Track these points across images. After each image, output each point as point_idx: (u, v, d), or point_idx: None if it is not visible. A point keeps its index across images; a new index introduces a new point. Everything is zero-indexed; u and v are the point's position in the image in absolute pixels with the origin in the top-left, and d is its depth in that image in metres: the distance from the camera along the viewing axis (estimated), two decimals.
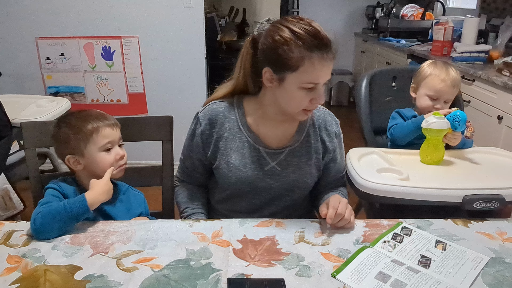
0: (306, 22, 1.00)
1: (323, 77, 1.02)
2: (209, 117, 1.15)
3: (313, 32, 0.98)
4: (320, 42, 0.98)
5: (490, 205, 1.07)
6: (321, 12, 5.02)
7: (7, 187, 1.60)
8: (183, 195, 1.25)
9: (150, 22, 2.67)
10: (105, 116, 1.13)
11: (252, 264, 0.88)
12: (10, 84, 2.72)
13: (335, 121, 1.23)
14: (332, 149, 1.20)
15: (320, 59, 0.98)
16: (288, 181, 1.16)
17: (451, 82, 1.44)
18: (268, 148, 1.15)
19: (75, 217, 0.98)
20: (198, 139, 1.17)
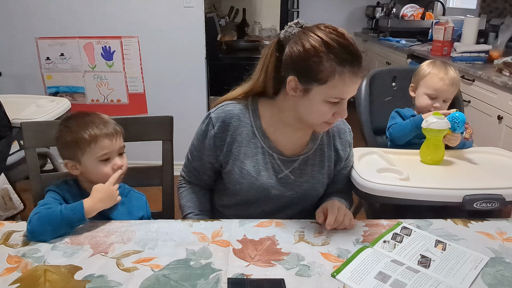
0: (340, 33, 0.96)
1: (351, 93, 0.99)
2: (222, 119, 1.10)
3: (346, 45, 0.94)
4: (353, 57, 0.94)
5: (490, 205, 1.07)
6: (321, 12, 5.02)
7: (7, 187, 1.61)
8: (188, 198, 1.22)
9: (150, 22, 2.67)
10: (106, 123, 1.09)
11: (252, 264, 0.88)
12: (10, 84, 2.72)
13: (348, 129, 1.20)
14: (344, 157, 1.18)
15: (350, 74, 0.94)
16: (301, 190, 1.14)
17: (449, 81, 1.44)
18: (282, 156, 1.12)
19: (70, 223, 0.97)
20: (211, 142, 1.12)
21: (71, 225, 0.98)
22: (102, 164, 1.07)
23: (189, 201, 1.22)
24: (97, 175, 1.07)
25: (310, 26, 1.00)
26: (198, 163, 1.19)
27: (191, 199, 1.22)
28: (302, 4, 4.55)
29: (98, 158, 1.06)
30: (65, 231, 0.98)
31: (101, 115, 1.12)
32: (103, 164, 1.07)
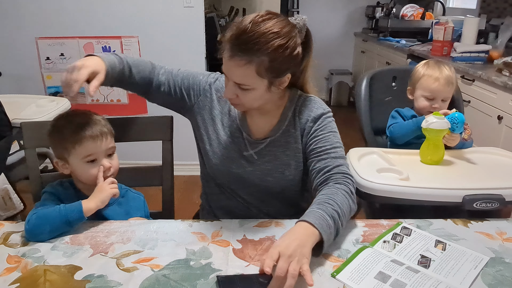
0: (255, 19, 0.98)
1: (225, 70, 1.02)
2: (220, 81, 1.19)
3: (241, 26, 0.98)
4: (235, 38, 0.97)
5: (490, 205, 1.07)
6: (321, 12, 5.03)
7: (7, 187, 1.61)
8: (134, 56, 1.20)
9: (150, 22, 2.67)
10: (94, 124, 1.07)
11: (252, 264, 0.88)
12: (10, 84, 2.72)
13: (320, 107, 1.14)
14: (307, 132, 1.13)
15: (227, 51, 0.99)
16: (261, 169, 1.14)
17: (444, 80, 1.44)
18: (250, 136, 1.15)
19: (68, 222, 0.97)
20: (206, 81, 1.19)
21: (70, 223, 0.98)
22: (89, 165, 1.07)
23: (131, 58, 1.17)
24: (84, 176, 1.07)
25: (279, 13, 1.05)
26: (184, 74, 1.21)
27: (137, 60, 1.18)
28: (302, 4, 4.56)
29: (83, 159, 1.06)
30: (63, 230, 0.98)
31: (92, 115, 1.11)
32: (89, 165, 1.07)
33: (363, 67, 4.74)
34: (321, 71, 5.15)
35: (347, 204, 0.98)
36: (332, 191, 0.99)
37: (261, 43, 0.95)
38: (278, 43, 0.96)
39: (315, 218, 0.89)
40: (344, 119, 4.69)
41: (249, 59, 0.96)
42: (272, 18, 0.99)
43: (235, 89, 1.02)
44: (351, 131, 4.12)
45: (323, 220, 0.89)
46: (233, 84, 1.02)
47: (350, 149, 1.34)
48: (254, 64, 0.97)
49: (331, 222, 0.91)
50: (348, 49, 5.18)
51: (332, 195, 0.97)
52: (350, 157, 1.28)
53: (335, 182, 1.03)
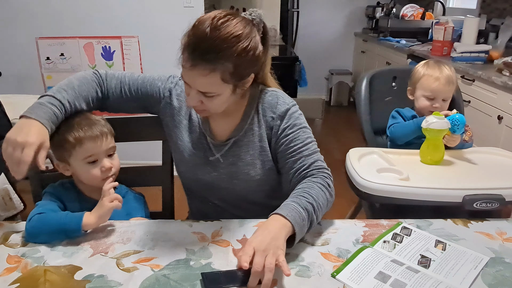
0: (213, 23, 0.93)
1: (187, 80, 0.97)
2: (180, 85, 1.15)
3: (199, 32, 0.93)
4: (193, 46, 0.92)
5: (490, 205, 1.07)
6: (321, 12, 5.03)
7: (7, 187, 1.61)
8: (74, 85, 1.06)
9: (150, 22, 2.67)
10: (93, 125, 1.06)
11: None
12: (10, 84, 2.72)
13: (282, 101, 1.10)
14: (275, 131, 1.09)
15: (184, 60, 0.94)
16: (226, 173, 1.12)
17: (445, 80, 1.44)
18: (214, 139, 1.12)
19: (65, 231, 0.95)
20: (165, 87, 1.14)
21: (66, 233, 0.95)
22: (90, 166, 1.06)
23: (71, 88, 1.05)
24: (86, 177, 1.07)
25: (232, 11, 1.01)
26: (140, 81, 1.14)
27: (78, 87, 1.06)
28: (302, 4, 4.55)
29: (84, 160, 1.06)
30: (60, 239, 0.94)
31: (91, 115, 1.10)
32: (90, 166, 1.06)
33: (363, 67, 4.74)
34: (321, 71, 5.15)
35: (323, 196, 1.00)
36: (308, 184, 1.01)
37: (224, 49, 0.91)
38: (241, 46, 0.93)
39: (287, 210, 0.91)
40: (344, 119, 4.73)
41: (213, 67, 0.92)
42: (230, 19, 0.95)
43: (199, 97, 0.98)
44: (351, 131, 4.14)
45: (295, 212, 0.91)
46: (197, 92, 0.97)
47: (350, 149, 1.34)
48: (218, 72, 0.93)
49: (304, 214, 0.92)
50: (348, 49, 5.18)
51: (308, 189, 0.99)
52: (350, 157, 1.28)
53: (311, 176, 1.04)
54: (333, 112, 4.90)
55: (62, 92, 1.03)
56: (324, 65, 5.14)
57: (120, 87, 1.13)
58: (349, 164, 1.24)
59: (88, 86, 1.09)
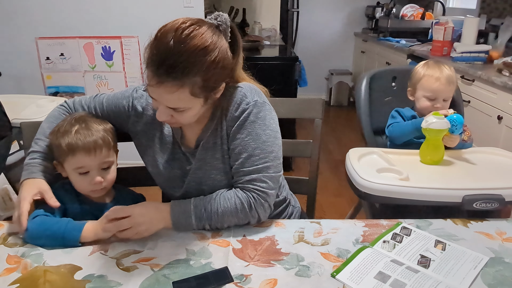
0: (177, 35, 0.87)
1: (154, 96, 0.91)
2: (146, 97, 1.09)
3: (163, 46, 0.87)
4: (160, 63, 0.86)
5: (490, 205, 1.07)
6: (321, 12, 5.03)
7: (7, 187, 1.61)
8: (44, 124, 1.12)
9: (150, 22, 2.67)
10: (89, 136, 1.03)
11: (251, 264, 0.88)
12: (10, 84, 2.72)
13: (242, 100, 1.01)
14: (229, 133, 1.02)
15: (151, 77, 0.88)
16: (194, 179, 1.06)
17: (445, 80, 1.45)
18: (188, 148, 1.07)
19: (63, 241, 0.93)
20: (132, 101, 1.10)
21: (64, 242, 0.93)
22: (80, 176, 1.05)
23: (43, 134, 1.10)
24: (75, 185, 1.07)
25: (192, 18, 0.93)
26: (101, 107, 1.13)
27: (48, 128, 1.10)
28: (302, 4, 4.55)
29: (75, 170, 1.04)
30: (56, 245, 0.93)
31: (92, 124, 1.06)
32: (81, 177, 1.05)
33: (363, 67, 4.74)
34: (321, 71, 5.15)
35: (231, 212, 0.98)
36: (229, 195, 0.99)
37: (191, 64, 0.86)
38: (209, 59, 0.88)
39: (179, 210, 0.98)
40: (344, 119, 4.73)
41: (180, 84, 0.87)
42: (195, 29, 0.88)
43: (169, 111, 0.93)
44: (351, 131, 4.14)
45: (185, 216, 0.98)
46: (165, 107, 0.93)
47: (350, 149, 1.34)
48: (187, 87, 0.88)
49: (194, 221, 0.98)
50: (348, 49, 5.18)
51: (221, 199, 0.99)
52: (350, 157, 1.28)
53: (240, 189, 1.00)
54: (333, 112, 4.90)
55: (38, 143, 1.09)
56: (324, 65, 5.14)
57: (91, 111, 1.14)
58: (349, 164, 1.24)
59: (58, 122, 1.11)
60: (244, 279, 0.83)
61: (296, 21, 4.35)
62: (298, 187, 1.41)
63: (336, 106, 5.10)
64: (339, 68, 5.13)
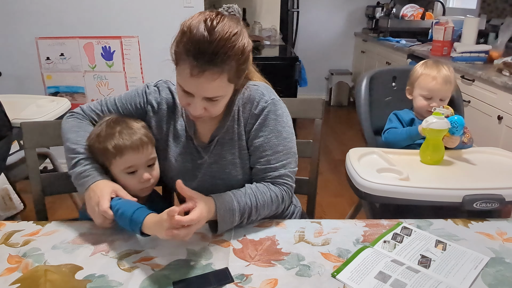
0: (207, 25, 0.89)
1: (192, 88, 0.93)
2: (162, 91, 1.12)
3: (197, 37, 0.88)
4: (197, 52, 0.88)
5: (490, 205, 1.07)
6: (321, 12, 5.03)
7: (7, 187, 1.61)
8: (83, 135, 1.08)
9: (150, 22, 2.67)
10: (133, 134, 1.04)
11: (252, 264, 0.88)
12: (10, 84, 2.72)
13: (262, 99, 1.06)
14: (248, 130, 1.07)
15: (189, 68, 0.89)
16: (209, 172, 1.10)
17: (442, 80, 1.45)
18: (199, 142, 1.10)
19: (129, 221, 0.92)
20: (148, 97, 1.11)
21: (130, 225, 0.92)
22: (129, 176, 1.05)
23: (82, 141, 1.07)
24: (125, 186, 1.04)
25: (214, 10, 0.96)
26: (114, 108, 1.13)
27: (83, 138, 1.07)
28: (302, 4, 4.55)
29: (124, 170, 1.05)
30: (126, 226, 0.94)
31: (133, 124, 1.07)
32: (129, 176, 1.05)
33: (363, 67, 4.74)
34: (321, 71, 5.15)
35: (268, 207, 1.03)
36: (263, 188, 1.04)
37: (229, 49, 0.89)
38: (242, 43, 0.92)
39: (223, 206, 0.96)
40: (344, 119, 4.73)
41: (221, 70, 0.90)
42: (222, 18, 0.92)
43: (203, 104, 0.96)
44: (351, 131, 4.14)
45: (229, 212, 0.96)
46: (202, 99, 0.95)
47: (350, 149, 1.34)
48: (225, 73, 0.92)
49: (237, 216, 0.97)
50: (348, 49, 5.18)
51: (257, 193, 1.02)
52: (350, 157, 1.28)
53: (271, 183, 1.06)
54: (333, 112, 4.90)
55: (79, 150, 1.06)
56: (324, 65, 5.15)
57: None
58: (349, 164, 1.24)
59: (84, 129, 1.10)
60: (244, 279, 0.83)
61: (296, 21, 4.35)
62: (298, 187, 1.40)
63: (336, 106, 5.10)
64: (339, 68, 5.13)
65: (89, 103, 1.16)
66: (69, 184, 1.30)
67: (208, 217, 0.93)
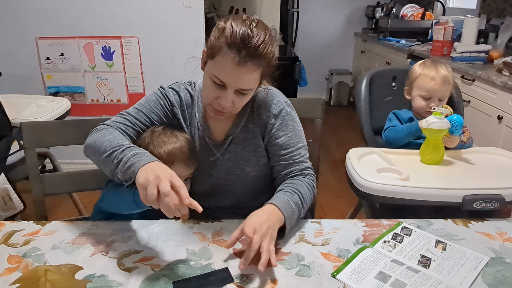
0: (251, 20, 0.97)
1: (231, 79, 0.97)
2: (179, 93, 1.15)
3: (243, 32, 0.94)
4: (243, 45, 0.94)
5: (490, 205, 1.07)
6: (321, 12, 5.03)
7: (7, 187, 1.61)
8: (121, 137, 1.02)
9: (150, 22, 2.67)
10: (193, 154, 1.09)
11: (252, 264, 0.88)
12: (10, 84, 2.72)
13: (277, 100, 1.14)
14: (269, 130, 1.13)
15: (233, 59, 0.94)
16: (224, 168, 1.15)
17: (441, 80, 1.45)
18: (212, 140, 1.14)
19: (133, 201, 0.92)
20: (166, 102, 1.13)
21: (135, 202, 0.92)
22: None
23: (121, 138, 1.01)
24: None
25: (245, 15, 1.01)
26: (140, 114, 1.11)
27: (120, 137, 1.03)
28: (302, 4, 4.56)
29: None
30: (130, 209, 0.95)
31: (184, 134, 1.11)
32: None
33: (363, 67, 4.74)
34: (321, 71, 5.15)
35: (308, 195, 1.08)
36: (298, 182, 1.09)
37: (266, 47, 0.97)
38: (272, 46, 1.00)
39: (282, 203, 0.98)
40: (344, 119, 4.73)
41: (259, 64, 0.97)
42: (257, 22, 0.99)
43: (233, 97, 1.01)
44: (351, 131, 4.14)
45: (289, 207, 0.98)
46: (233, 91, 1.00)
47: (350, 149, 1.34)
48: (261, 68, 0.99)
49: (295, 209, 1.00)
50: (348, 49, 5.18)
51: (298, 186, 1.07)
52: (350, 157, 1.28)
53: (300, 175, 1.12)
54: (333, 112, 4.90)
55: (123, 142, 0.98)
56: (324, 65, 5.15)
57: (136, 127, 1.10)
58: (349, 164, 1.24)
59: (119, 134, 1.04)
60: (244, 279, 0.83)
61: (296, 21, 4.35)
62: None
63: (336, 106, 5.10)
64: (339, 68, 5.13)
65: (108, 120, 1.10)
66: (69, 184, 1.31)
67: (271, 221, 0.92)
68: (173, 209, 0.79)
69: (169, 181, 0.81)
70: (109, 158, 0.94)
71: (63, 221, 1.05)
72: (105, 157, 0.95)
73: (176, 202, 0.80)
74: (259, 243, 0.85)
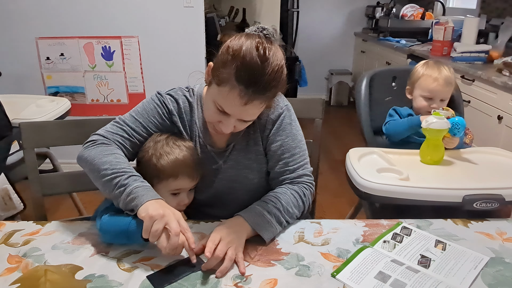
0: (260, 54, 0.90)
1: (234, 112, 0.96)
2: (177, 100, 1.11)
3: (252, 67, 0.90)
4: (250, 81, 0.90)
5: (490, 205, 1.07)
6: (321, 12, 5.03)
7: (7, 187, 1.61)
8: (119, 157, 0.98)
9: (150, 22, 2.68)
10: (192, 161, 1.05)
11: (252, 264, 0.88)
12: (10, 84, 2.72)
13: (278, 105, 1.10)
14: (266, 135, 1.11)
15: (239, 95, 0.91)
16: (226, 177, 1.13)
17: (443, 81, 1.45)
18: (214, 147, 1.12)
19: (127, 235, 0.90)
20: (163, 110, 1.09)
21: (127, 236, 0.91)
22: (171, 197, 1.06)
23: (122, 161, 0.97)
24: None
25: (258, 33, 0.97)
26: (137, 124, 1.07)
27: (122, 159, 0.98)
28: (302, 4, 4.55)
29: (170, 191, 1.06)
30: (123, 241, 0.93)
31: (187, 143, 1.08)
32: (171, 197, 1.06)
33: (363, 67, 4.74)
34: (321, 71, 5.15)
35: (292, 202, 1.04)
36: (282, 190, 1.07)
37: (278, 81, 0.94)
38: (284, 75, 0.96)
39: (250, 214, 0.97)
40: (344, 119, 4.73)
41: (266, 98, 0.96)
42: (270, 45, 0.94)
43: (235, 122, 0.99)
44: (351, 131, 4.14)
45: (259, 216, 0.97)
46: (236, 120, 0.98)
47: (350, 149, 1.34)
48: (268, 100, 0.98)
49: (269, 217, 0.98)
50: (348, 49, 5.18)
51: (279, 194, 1.05)
52: (350, 157, 1.28)
53: (289, 183, 1.10)
54: (333, 112, 4.90)
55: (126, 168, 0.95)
56: (324, 65, 5.14)
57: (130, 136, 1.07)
58: (349, 164, 1.24)
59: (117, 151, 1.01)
60: (244, 279, 0.83)
61: (296, 21, 4.35)
62: None
63: (336, 106, 5.10)
64: (339, 68, 5.13)
65: (103, 128, 1.07)
66: (69, 184, 1.31)
67: (238, 231, 0.93)
68: (176, 249, 0.85)
69: (177, 221, 0.85)
70: (110, 183, 0.92)
71: (63, 221, 1.05)
72: (106, 181, 0.93)
73: (181, 243, 0.85)
74: (224, 251, 0.86)
